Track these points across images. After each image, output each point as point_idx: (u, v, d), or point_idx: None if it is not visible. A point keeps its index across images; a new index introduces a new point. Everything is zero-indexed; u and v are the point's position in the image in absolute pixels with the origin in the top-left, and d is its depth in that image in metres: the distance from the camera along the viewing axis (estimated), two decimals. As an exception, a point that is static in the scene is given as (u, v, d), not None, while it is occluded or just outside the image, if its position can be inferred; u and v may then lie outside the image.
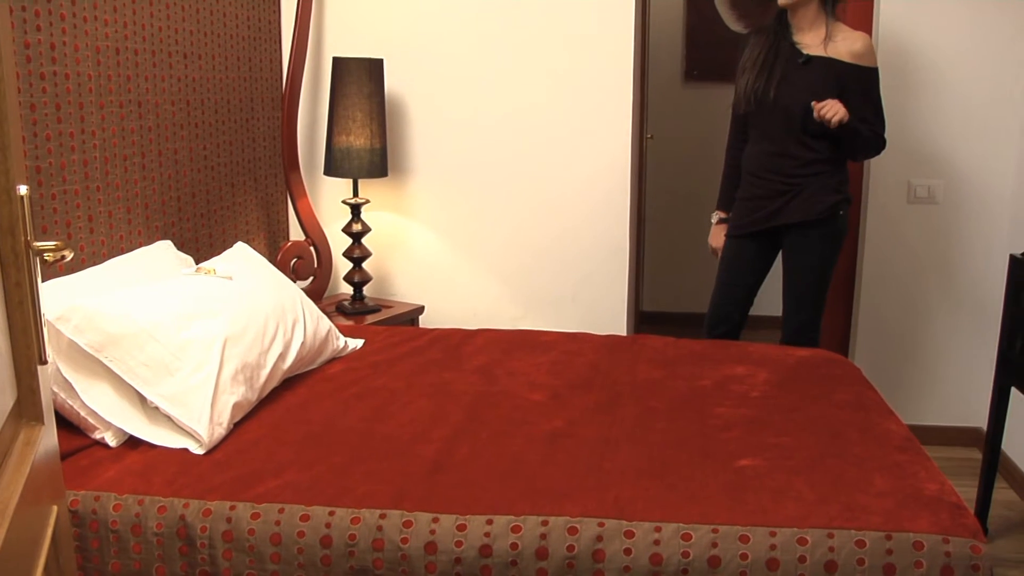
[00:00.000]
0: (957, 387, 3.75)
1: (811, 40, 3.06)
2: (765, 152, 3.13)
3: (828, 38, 3.03)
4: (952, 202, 3.63)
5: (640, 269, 4.90)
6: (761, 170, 3.15)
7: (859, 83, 3.01)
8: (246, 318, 2.33)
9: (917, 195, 3.64)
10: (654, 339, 2.94)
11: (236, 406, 2.18)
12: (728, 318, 3.28)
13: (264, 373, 2.32)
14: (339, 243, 3.65)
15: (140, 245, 2.70)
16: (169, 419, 2.11)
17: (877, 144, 3.09)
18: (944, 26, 3.50)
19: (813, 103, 2.92)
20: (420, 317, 3.70)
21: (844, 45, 3.02)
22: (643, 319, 5.28)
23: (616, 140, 3.62)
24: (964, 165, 3.59)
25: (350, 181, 3.55)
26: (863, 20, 3.64)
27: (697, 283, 5.29)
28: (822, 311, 3.19)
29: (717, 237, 3.38)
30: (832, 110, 2.88)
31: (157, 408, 2.11)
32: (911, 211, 3.66)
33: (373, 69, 3.42)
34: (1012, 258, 2.88)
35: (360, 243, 3.58)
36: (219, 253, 2.78)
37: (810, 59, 3.03)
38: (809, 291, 3.15)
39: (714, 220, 3.41)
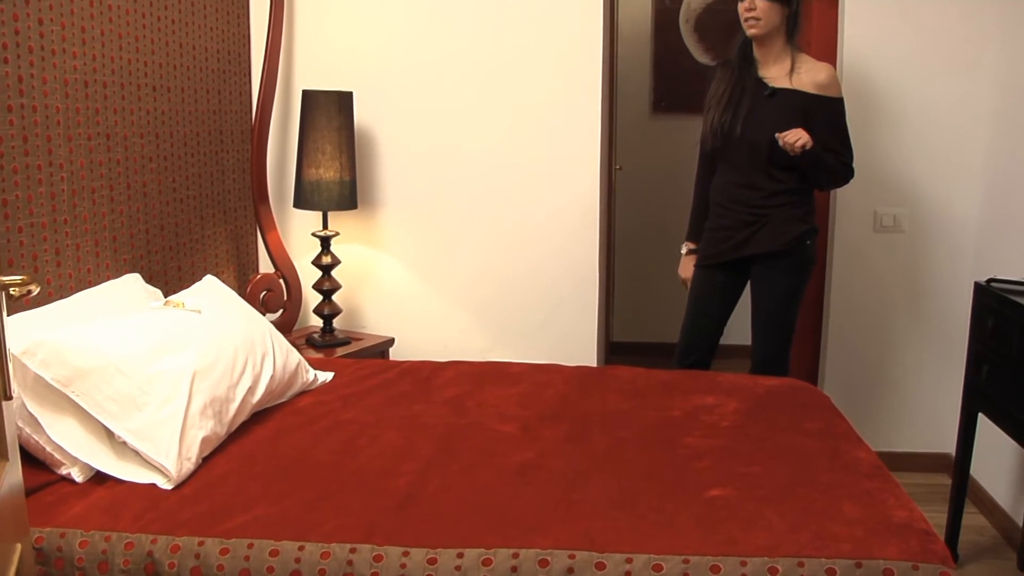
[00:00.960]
0: (925, 414, 3.79)
1: (776, 72, 3.10)
2: (732, 183, 3.16)
3: (792, 70, 3.08)
4: (918, 230, 3.68)
5: (610, 299, 4.93)
6: (728, 201, 3.18)
7: (824, 113, 3.05)
8: (215, 352, 2.32)
9: (883, 224, 3.69)
10: (624, 370, 2.95)
11: (205, 440, 2.16)
12: (698, 348, 3.30)
13: (233, 407, 2.30)
14: (309, 276, 3.65)
15: (108, 278, 2.68)
16: (137, 454, 2.09)
17: (845, 173, 3.14)
18: (907, 56, 3.57)
19: (777, 134, 2.96)
20: (390, 349, 3.69)
21: (808, 76, 3.06)
22: (613, 349, 5.29)
23: (585, 171, 3.65)
24: (929, 194, 3.65)
25: (320, 214, 3.55)
26: (828, 51, 3.71)
27: (667, 313, 5.31)
28: (791, 341, 3.22)
29: (687, 268, 3.41)
30: (795, 136, 2.93)
31: (124, 443, 2.09)
32: (877, 240, 3.71)
33: (342, 102, 3.43)
34: (977, 285, 2.93)
35: (330, 275, 3.58)
36: (188, 286, 2.77)
37: (775, 92, 3.07)
38: (777, 321, 3.18)
39: (683, 251, 3.44)
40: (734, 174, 3.16)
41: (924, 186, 3.65)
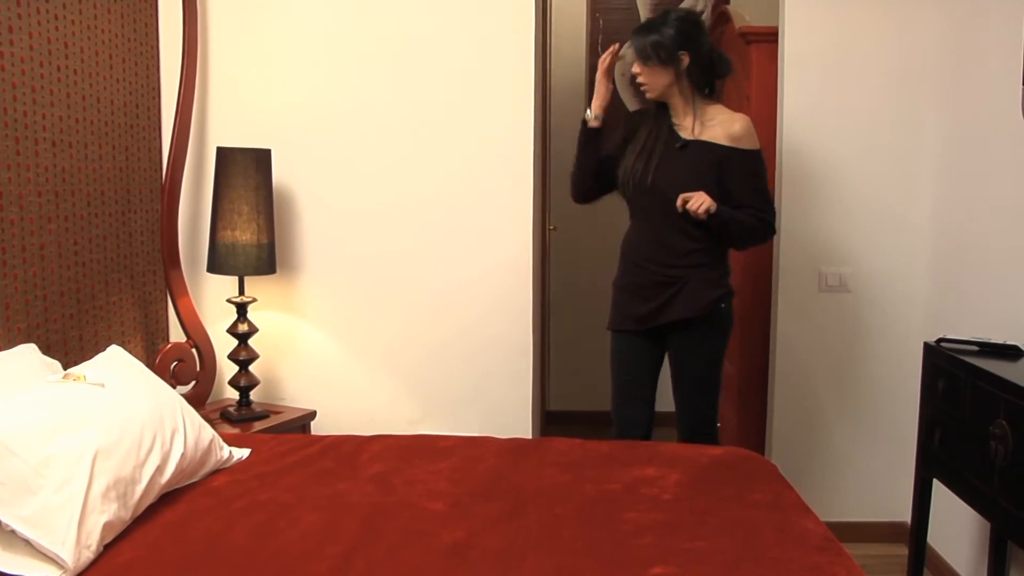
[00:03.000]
0: (878, 480, 3.84)
1: (689, 123, 3.15)
2: (645, 240, 3.20)
3: (705, 121, 3.13)
4: (864, 290, 3.77)
5: (545, 366, 4.93)
6: (641, 259, 3.21)
7: (739, 166, 3.10)
8: (120, 428, 2.26)
9: (828, 283, 3.77)
10: (560, 441, 2.94)
11: (107, 526, 2.10)
12: (637, 421, 3.29)
13: (139, 488, 2.24)
14: (223, 345, 3.60)
15: (0, 349, 2.62)
16: (29, 544, 2.02)
17: (764, 231, 3.16)
18: (849, 110, 3.69)
19: (681, 197, 3.00)
20: (312, 423, 3.65)
21: (722, 128, 3.11)
22: (550, 419, 5.29)
23: (517, 232, 3.69)
24: (875, 251, 3.75)
25: (235, 278, 3.52)
26: (767, 104, 3.81)
27: (606, 380, 5.31)
28: (717, 407, 3.26)
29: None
30: (697, 202, 2.97)
31: (14, 532, 2.02)
32: (823, 300, 3.79)
33: (260, 159, 3.43)
34: (927, 346, 2.98)
35: (246, 344, 3.54)
36: (90, 357, 2.70)
37: (687, 144, 3.12)
38: (702, 388, 3.22)
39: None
40: (647, 230, 3.20)
41: (870, 243, 3.74)
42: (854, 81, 3.68)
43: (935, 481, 2.96)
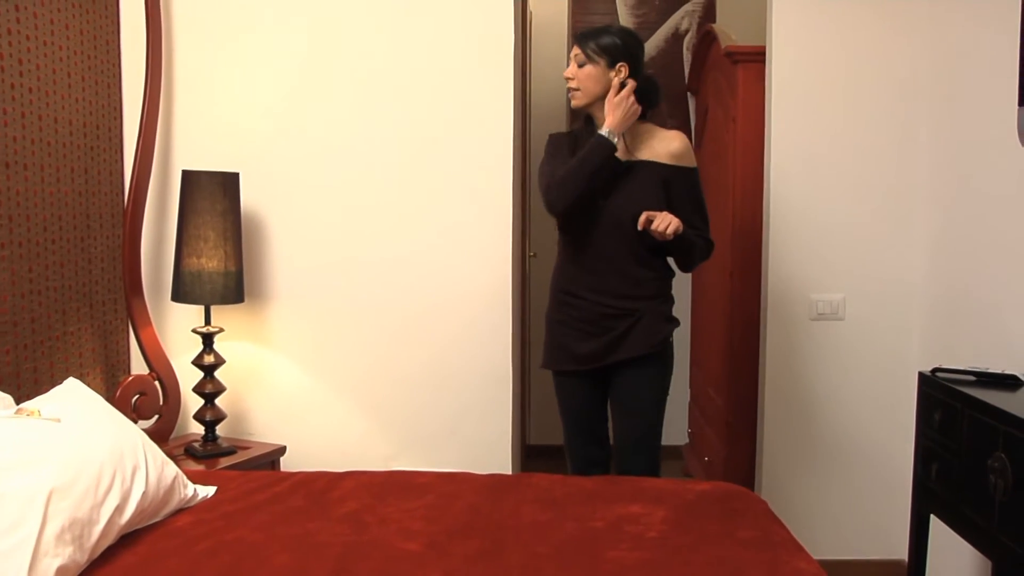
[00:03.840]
0: (873, 517, 3.83)
1: (621, 145, 3.07)
2: (588, 270, 3.11)
3: (638, 140, 3.10)
4: (857, 318, 3.78)
5: (525, 399, 4.92)
6: (583, 290, 3.12)
7: (683, 184, 3.08)
8: (76, 466, 2.23)
9: (819, 311, 3.77)
10: (541, 477, 2.92)
11: (61, 570, 2.06)
12: (596, 459, 3.25)
13: (97, 530, 2.21)
14: (189, 377, 3.56)
15: (-50, 384, 2.58)
16: (-21, 588, 1.98)
17: (708, 249, 3.15)
18: (839, 130, 3.71)
19: (642, 218, 2.92)
20: (281, 459, 3.61)
21: (662, 146, 3.09)
22: (530, 453, 5.27)
23: (496, 259, 3.68)
24: (867, 278, 3.77)
25: (201, 308, 3.49)
26: (755, 124, 3.83)
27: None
28: (660, 445, 3.20)
29: None
30: (664, 221, 2.89)
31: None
32: (814, 328, 3.79)
33: (227, 183, 3.41)
34: (922, 376, 2.98)
35: (213, 377, 3.51)
36: (46, 391, 2.67)
37: (630, 164, 3.07)
38: (651, 430, 3.16)
39: None
40: (591, 257, 3.10)
41: (862, 270, 3.75)
42: (844, 102, 3.70)
43: (932, 517, 2.95)
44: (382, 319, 3.71)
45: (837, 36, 3.69)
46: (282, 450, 3.61)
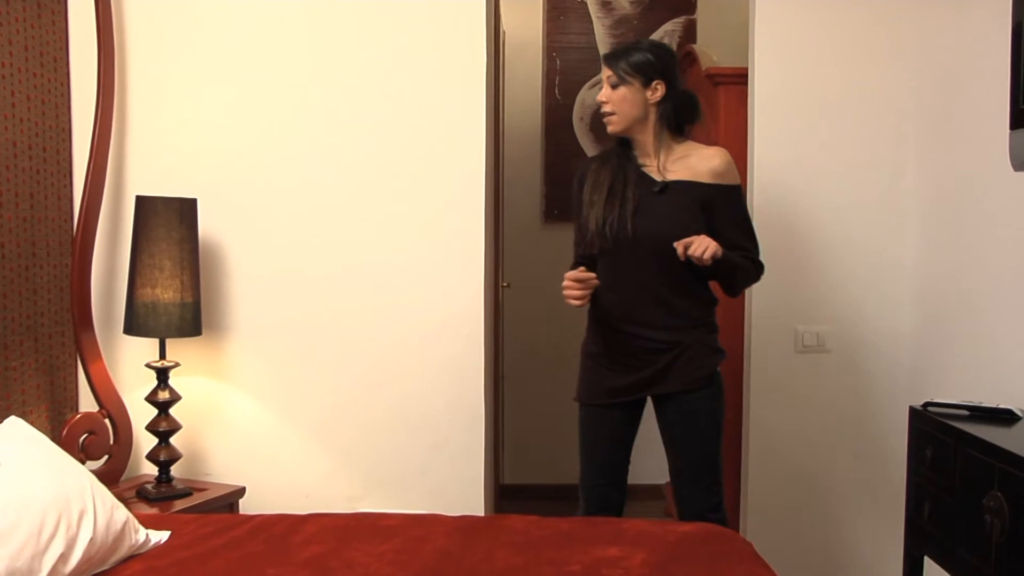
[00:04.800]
0: (864, 559, 3.82)
1: (657, 162, 3.08)
2: (627, 301, 3.09)
3: (676, 159, 3.08)
4: (844, 350, 3.78)
5: (498, 436, 4.89)
6: (622, 322, 3.10)
7: (726, 204, 3.06)
8: (16, 512, 2.19)
9: (805, 343, 3.77)
10: (515, 519, 2.90)
11: (0, 623, 2.02)
12: (611, 502, 3.20)
13: (39, 579, 2.17)
14: (141, 414, 3.51)
15: None
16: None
17: (756, 271, 3.13)
18: (823, 151, 3.72)
19: (675, 244, 2.90)
20: (240, 501, 3.57)
21: (702, 164, 3.06)
22: (504, 493, 5.24)
23: (468, 290, 3.66)
24: (855, 308, 3.77)
25: (156, 341, 3.46)
26: (738, 146, 3.84)
27: (564, 450, 5.28)
28: (722, 487, 3.16)
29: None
30: (701, 246, 2.86)
31: None
32: (799, 362, 3.79)
33: (184, 210, 3.38)
34: (912, 410, 2.97)
35: (167, 414, 3.46)
36: (-14, 430, 2.63)
37: (666, 186, 3.05)
38: (709, 463, 3.12)
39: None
40: (628, 288, 3.09)
41: (849, 299, 3.76)
42: (830, 125, 3.72)
43: (926, 559, 2.94)
44: (348, 353, 3.68)
45: (822, 56, 3.71)
46: (241, 491, 3.58)
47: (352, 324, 3.68)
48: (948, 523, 2.72)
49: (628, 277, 3.08)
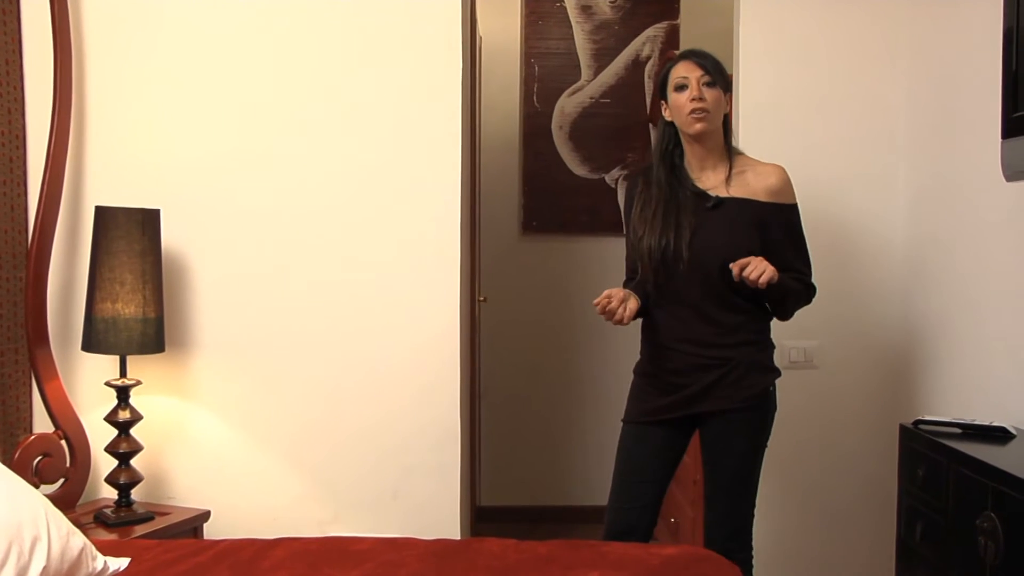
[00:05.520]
0: (853, 583, 3.82)
1: (714, 180, 3.06)
2: (678, 319, 3.06)
3: (734, 174, 3.05)
4: (832, 366, 3.80)
5: (475, 456, 4.88)
6: (675, 340, 3.06)
7: (781, 224, 3.04)
8: (-34, 537, 2.16)
9: (792, 359, 3.78)
10: (492, 542, 2.89)
11: (-53, 656, 1.99)
12: (636, 527, 3.11)
13: (-11, 609, 2.14)
14: (100, 435, 3.48)
15: None
16: None
17: (808, 295, 3.11)
18: (812, 168, 3.72)
19: (731, 265, 2.86)
20: (204, 525, 3.55)
21: (758, 181, 3.04)
22: (481, 516, 5.22)
23: (443, 304, 3.65)
24: (842, 323, 3.78)
25: (116, 358, 3.44)
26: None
27: (543, 470, 5.31)
28: (754, 507, 3.15)
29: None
30: (758, 269, 2.83)
31: None
32: (787, 378, 3.76)
33: (147, 221, 3.37)
34: (903, 428, 2.98)
35: (128, 435, 3.44)
36: (-65, 453, 2.60)
37: (721, 202, 3.01)
38: (744, 487, 3.10)
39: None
40: (682, 307, 3.05)
41: (837, 314, 3.77)
42: (817, 135, 3.74)
43: (918, 582, 2.95)
44: (318, 370, 3.66)
45: (809, 63, 3.73)
46: (206, 515, 3.55)
47: (322, 340, 3.66)
48: (941, 545, 2.72)
49: (679, 294, 3.05)
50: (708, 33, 5.04)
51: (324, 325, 3.66)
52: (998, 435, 2.78)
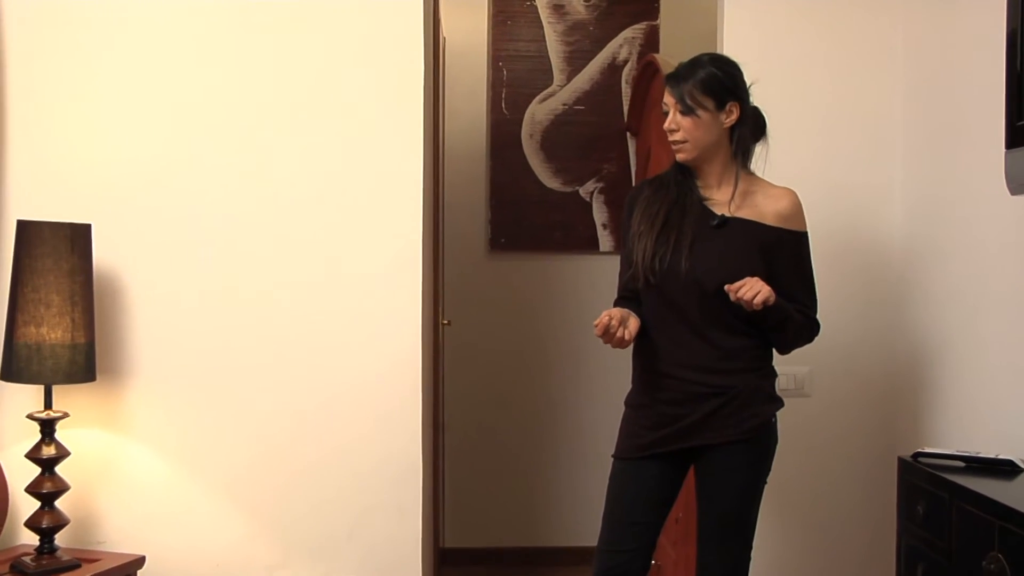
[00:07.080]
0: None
1: (724, 197, 3.06)
2: (675, 342, 3.06)
3: (745, 195, 3.06)
4: (824, 394, 3.81)
5: (438, 495, 4.85)
6: (674, 365, 3.06)
7: (787, 251, 3.05)
8: None
9: (782, 387, 3.75)
10: (456, 588, 2.86)
11: None
12: (628, 572, 3.09)
13: None
14: (22, 474, 3.42)
15: None
16: None
17: (811, 330, 3.12)
18: (802, 180, 3.65)
19: (727, 286, 2.87)
20: (139, 573, 3.50)
21: (768, 204, 3.06)
22: (444, 559, 5.19)
23: (403, 328, 3.64)
24: (836, 348, 3.77)
25: (40, 388, 3.39)
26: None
27: (512, 508, 5.27)
28: (751, 547, 3.14)
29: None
30: (753, 289, 2.83)
31: None
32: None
33: (76, 237, 3.33)
34: (901, 461, 2.98)
35: (53, 473, 3.38)
36: None
37: (725, 221, 3.02)
38: (740, 524, 3.10)
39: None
40: (680, 328, 3.05)
41: (830, 339, 3.74)
42: (807, 144, 3.75)
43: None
44: (265, 401, 3.63)
45: (798, 68, 3.75)
46: (140, 561, 3.51)
47: (270, 369, 3.63)
48: (945, 588, 2.71)
49: (675, 316, 3.05)
50: (690, 35, 5.08)
51: (272, 352, 3.63)
52: (1005, 468, 2.77)
